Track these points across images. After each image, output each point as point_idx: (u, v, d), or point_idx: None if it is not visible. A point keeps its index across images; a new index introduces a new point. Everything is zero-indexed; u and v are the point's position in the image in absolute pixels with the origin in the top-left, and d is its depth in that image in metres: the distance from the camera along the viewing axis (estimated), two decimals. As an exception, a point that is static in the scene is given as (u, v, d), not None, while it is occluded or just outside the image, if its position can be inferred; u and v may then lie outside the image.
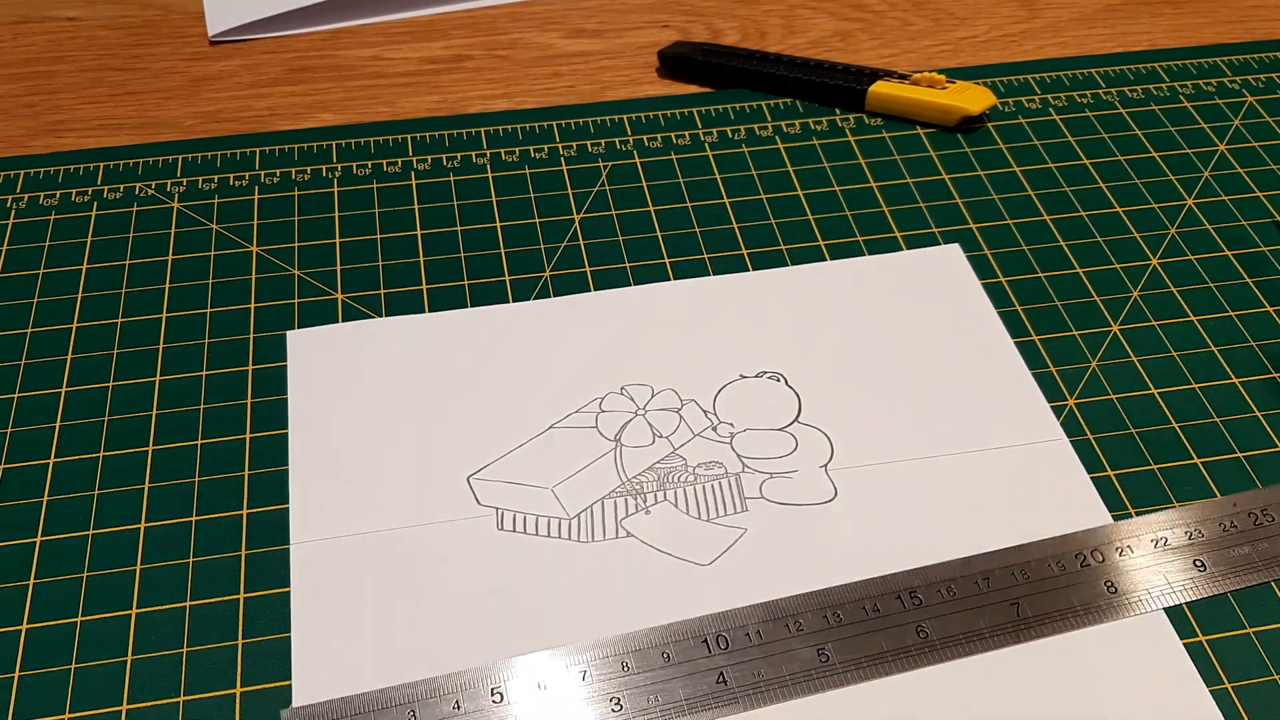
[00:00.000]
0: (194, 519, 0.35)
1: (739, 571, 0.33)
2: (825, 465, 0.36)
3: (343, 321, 0.40)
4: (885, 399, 0.38)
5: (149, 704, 0.31)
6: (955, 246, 0.43)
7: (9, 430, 0.37)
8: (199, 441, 0.37)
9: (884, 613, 0.32)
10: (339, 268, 0.42)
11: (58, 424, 0.37)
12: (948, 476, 0.36)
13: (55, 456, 0.36)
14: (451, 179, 0.46)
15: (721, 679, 0.30)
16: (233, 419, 0.37)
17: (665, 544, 0.34)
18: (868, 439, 0.37)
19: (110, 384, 0.38)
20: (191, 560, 0.34)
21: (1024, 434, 0.37)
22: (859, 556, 0.33)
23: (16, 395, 0.38)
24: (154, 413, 0.38)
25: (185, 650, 0.32)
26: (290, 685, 0.31)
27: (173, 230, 0.44)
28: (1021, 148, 0.48)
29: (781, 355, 0.39)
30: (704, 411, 0.37)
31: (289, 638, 0.32)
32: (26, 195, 0.45)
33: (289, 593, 0.33)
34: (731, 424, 0.37)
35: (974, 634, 0.31)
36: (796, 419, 0.37)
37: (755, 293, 0.42)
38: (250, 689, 0.31)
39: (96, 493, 0.35)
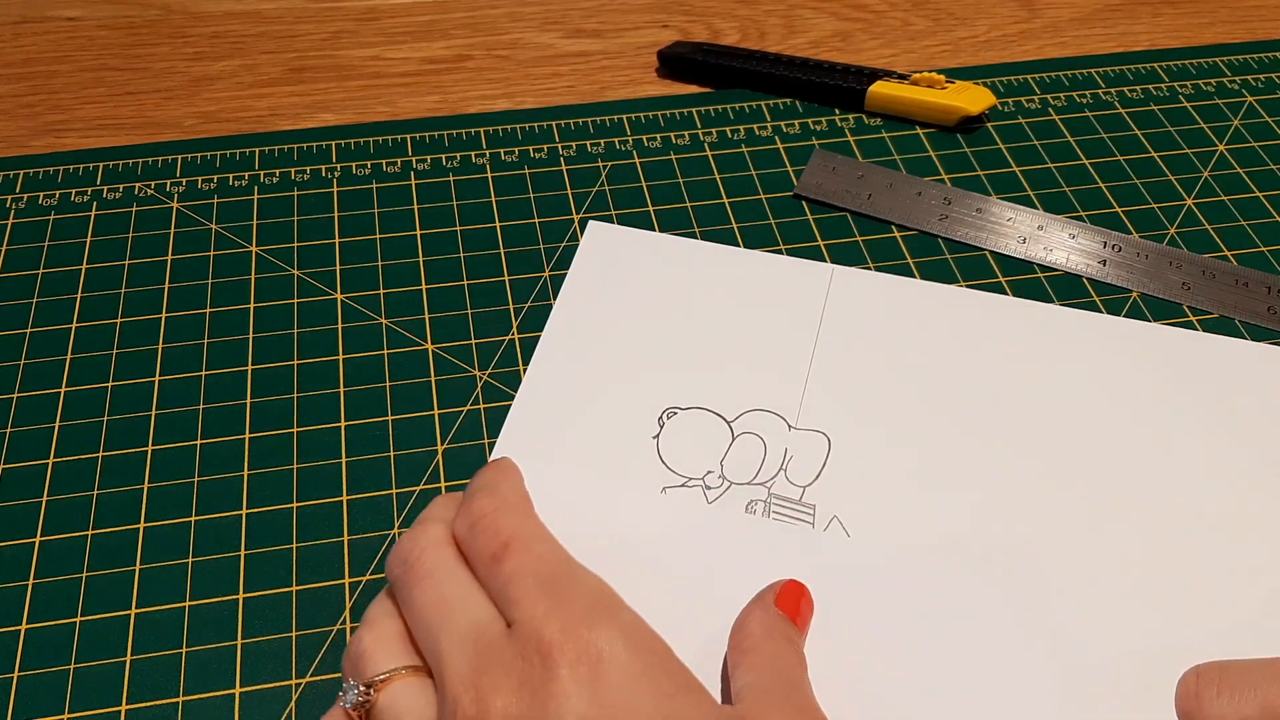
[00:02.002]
0: (193, 519, 0.35)
1: None
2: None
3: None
4: None
5: (149, 704, 0.31)
6: None
7: (9, 430, 0.37)
8: (199, 441, 0.37)
9: None
10: (338, 268, 0.42)
11: (57, 424, 0.37)
12: None
13: (55, 456, 0.36)
14: (451, 179, 0.46)
15: None
16: (233, 418, 0.37)
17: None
18: None
19: (110, 384, 0.38)
20: (191, 560, 0.34)
21: None
22: None
23: (16, 395, 0.38)
24: (154, 413, 0.38)
25: (185, 650, 0.32)
26: (289, 685, 0.31)
27: (172, 230, 0.44)
28: (1021, 148, 0.48)
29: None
30: None
31: (289, 637, 0.32)
32: (26, 195, 0.45)
33: (290, 592, 0.33)
34: None
35: None
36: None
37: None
38: (250, 689, 0.31)
39: (96, 493, 0.35)
